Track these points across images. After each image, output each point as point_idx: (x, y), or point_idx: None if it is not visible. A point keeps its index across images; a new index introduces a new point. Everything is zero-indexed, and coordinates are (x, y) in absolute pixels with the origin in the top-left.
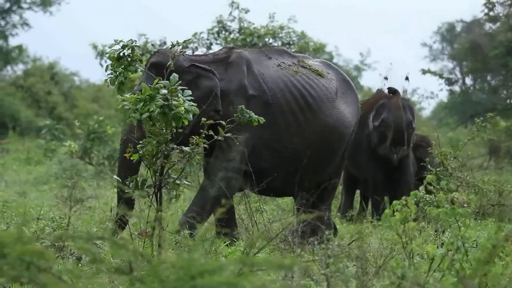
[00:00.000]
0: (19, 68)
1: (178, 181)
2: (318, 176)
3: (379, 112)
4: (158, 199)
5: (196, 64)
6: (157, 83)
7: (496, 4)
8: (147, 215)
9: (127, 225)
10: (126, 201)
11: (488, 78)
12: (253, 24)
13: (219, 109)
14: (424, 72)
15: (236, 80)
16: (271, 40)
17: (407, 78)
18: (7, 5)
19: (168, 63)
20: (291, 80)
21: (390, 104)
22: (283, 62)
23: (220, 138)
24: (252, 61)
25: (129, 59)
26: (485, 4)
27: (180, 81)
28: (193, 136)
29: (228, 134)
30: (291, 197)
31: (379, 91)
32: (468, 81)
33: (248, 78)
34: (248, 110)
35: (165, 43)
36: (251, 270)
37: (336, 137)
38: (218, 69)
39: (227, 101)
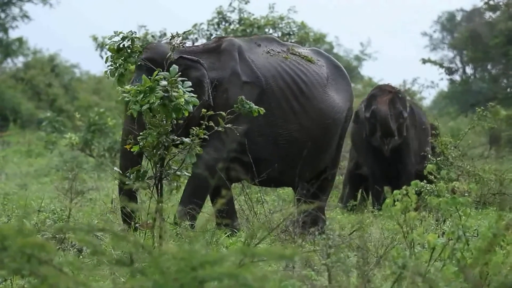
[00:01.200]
0: (20, 61)
1: (178, 172)
2: (315, 164)
3: (369, 103)
4: (159, 191)
5: (184, 56)
6: (156, 75)
7: None
8: (148, 207)
9: (132, 218)
10: (128, 194)
11: (489, 67)
12: (253, 15)
13: (206, 99)
14: (424, 61)
15: (229, 68)
16: (271, 31)
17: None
18: None
19: (160, 58)
20: (281, 66)
21: (380, 96)
22: (272, 49)
23: (220, 129)
24: (243, 48)
25: (129, 50)
26: None
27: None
28: (193, 128)
29: (229, 125)
30: (292, 188)
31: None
32: (469, 70)
33: (240, 65)
34: (247, 101)
35: (165, 34)
36: (252, 261)
37: (329, 122)
38: (210, 58)
39: (221, 89)
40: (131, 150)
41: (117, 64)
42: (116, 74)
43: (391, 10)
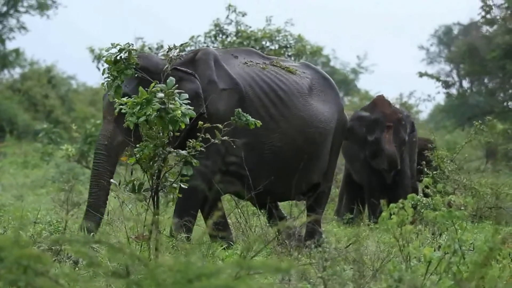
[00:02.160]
0: (16, 72)
1: (175, 185)
2: (304, 177)
3: (373, 127)
4: (155, 203)
5: (178, 67)
6: (153, 87)
7: (493, 7)
8: (144, 219)
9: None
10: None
11: (486, 81)
12: (250, 27)
13: (204, 112)
14: (421, 75)
15: (205, 77)
16: (268, 44)
17: None
18: (4, 8)
19: (152, 67)
20: (258, 75)
21: (384, 122)
22: (251, 61)
23: (217, 141)
24: (219, 57)
25: (126, 62)
26: (482, 7)
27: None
28: (189, 140)
29: (225, 138)
30: (288, 201)
31: (380, 97)
32: (465, 84)
33: (217, 73)
34: (244, 113)
35: (162, 46)
36: (248, 273)
37: (313, 132)
38: (188, 69)
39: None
40: (127, 162)
41: (114, 76)
42: (113, 86)
43: (388, 23)
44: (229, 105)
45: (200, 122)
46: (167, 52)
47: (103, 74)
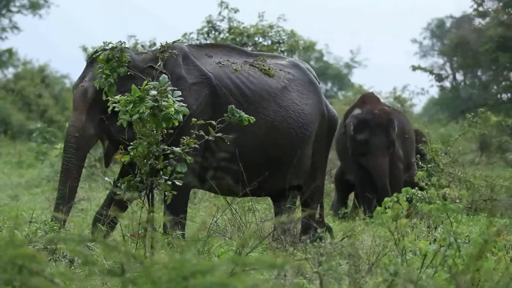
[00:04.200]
0: (10, 72)
1: (169, 182)
2: (276, 178)
3: (361, 127)
4: (150, 200)
5: (153, 65)
6: (146, 84)
7: None
8: (139, 216)
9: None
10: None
11: (479, 73)
12: (243, 23)
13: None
14: (414, 68)
15: (174, 73)
16: (260, 39)
17: None
18: None
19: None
20: (229, 76)
21: (373, 123)
22: (227, 60)
23: (210, 138)
24: (188, 52)
25: (118, 61)
26: None
27: (137, 82)
28: (183, 137)
29: (219, 134)
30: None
31: (369, 94)
32: (459, 76)
33: (185, 68)
34: (238, 110)
35: (154, 44)
36: (243, 269)
37: (284, 136)
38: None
39: None
40: (122, 160)
41: (107, 75)
42: (106, 85)
43: (381, 17)
44: (199, 97)
45: (194, 119)
46: (160, 49)
47: (95, 72)
